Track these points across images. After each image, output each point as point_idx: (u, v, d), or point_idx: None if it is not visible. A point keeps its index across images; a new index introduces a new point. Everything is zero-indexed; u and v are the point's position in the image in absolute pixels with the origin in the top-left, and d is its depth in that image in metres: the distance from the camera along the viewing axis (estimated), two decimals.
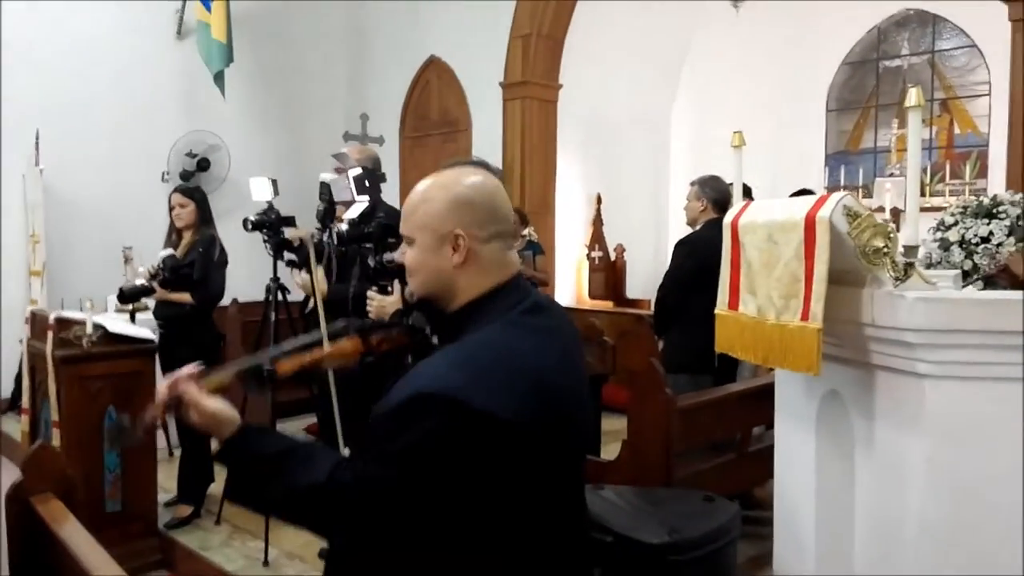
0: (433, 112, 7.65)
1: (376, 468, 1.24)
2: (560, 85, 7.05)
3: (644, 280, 7.70)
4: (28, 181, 6.02)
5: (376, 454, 1.25)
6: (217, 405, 1.36)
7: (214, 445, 1.36)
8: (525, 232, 6.29)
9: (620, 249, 7.78)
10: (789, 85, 8.29)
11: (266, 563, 3.36)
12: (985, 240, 4.33)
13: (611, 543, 2.20)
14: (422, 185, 1.45)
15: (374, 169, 2.82)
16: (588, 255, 7.67)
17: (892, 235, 1.70)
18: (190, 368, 1.40)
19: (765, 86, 8.18)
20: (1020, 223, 4.29)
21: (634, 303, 7.47)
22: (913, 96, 1.68)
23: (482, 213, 1.39)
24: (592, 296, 7.72)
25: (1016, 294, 1.65)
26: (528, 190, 6.88)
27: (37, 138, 5.95)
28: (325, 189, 3.06)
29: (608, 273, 7.75)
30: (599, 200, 7.65)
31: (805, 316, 1.74)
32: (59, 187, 6.14)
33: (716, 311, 2.12)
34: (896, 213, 7.19)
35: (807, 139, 8.40)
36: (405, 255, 1.44)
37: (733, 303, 2.04)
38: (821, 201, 1.74)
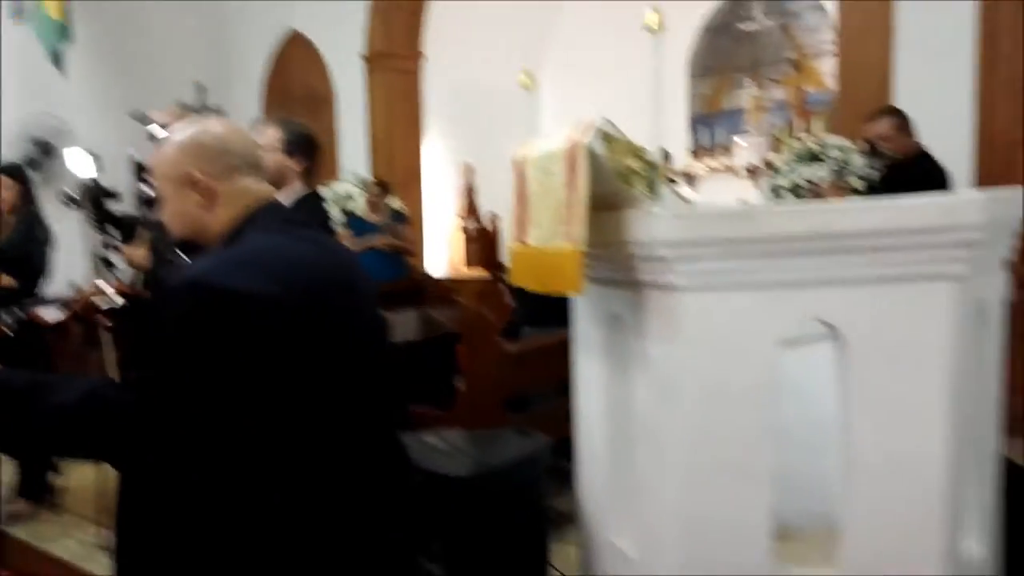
0: (296, 87, 7.49)
1: (143, 373, 1.25)
2: (422, 54, 7.01)
3: None
4: None
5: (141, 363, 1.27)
6: None
7: None
8: (396, 205, 6.27)
9: (494, 218, 7.83)
10: (655, 52, 8.48)
11: (104, 548, 3.27)
12: (813, 184, 4.55)
13: (421, 481, 2.23)
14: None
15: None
16: (462, 226, 7.70)
17: (644, 156, 1.76)
18: None
19: (633, 52, 8.34)
20: (845, 166, 4.52)
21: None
22: (647, 16, 1.73)
23: (213, 151, 1.46)
24: (470, 266, 7.76)
25: (761, 205, 1.74)
26: (395, 161, 6.84)
27: None
28: (134, 165, 2.98)
29: (484, 242, 7.80)
30: (470, 170, 7.66)
31: (570, 239, 1.79)
32: None
33: (508, 246, 2.16)
34: (753, 169, 7.50)
35: (673, 103, 8.61)
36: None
37: (521, 236, 2.09)
38: (582, 128, 1.79)
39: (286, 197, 2.62)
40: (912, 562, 1.75)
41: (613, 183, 1.80)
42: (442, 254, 7.67)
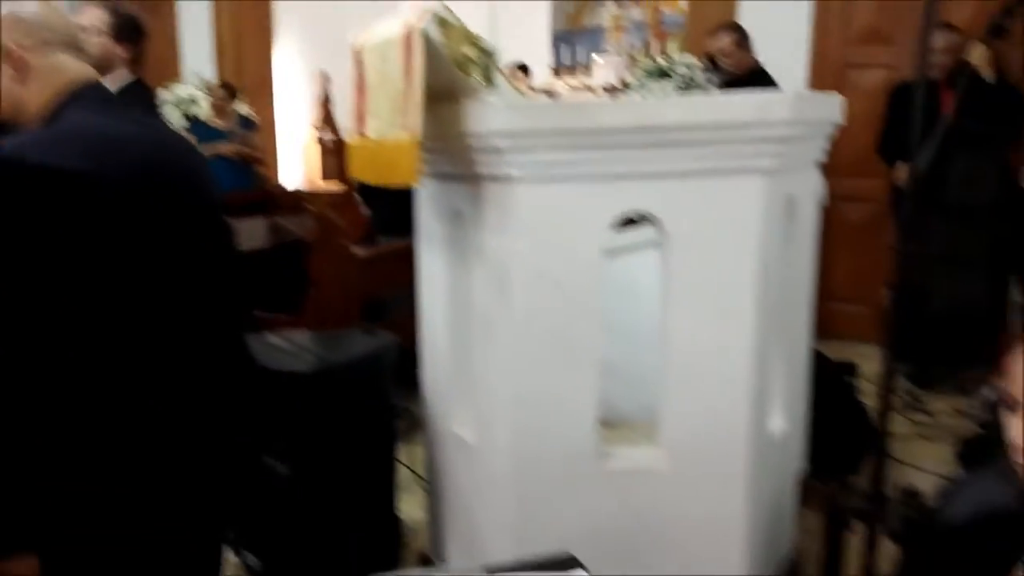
0: None
1: None
2: None
3: None
4: None
5: None
6: None
7: None
8: (244, 111, 5.97)
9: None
10: None
11: None
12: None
13: (262, 379, 2.21)
14: None
15: None
16: (318, 137, 7.44)
17: (480, 43, 1.75)
18: None
19: None
20: (691, 82, 4.66)
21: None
22: None
23: (28, 23, 1.40)
24: (326, 179, 7.54)
25: (594, 100, 1.78)
26: (244, 65, 6.48)
27: None
28: None
29: (341, 155, 7.57)
30: (326, 78, 7.37)
31: (407, 129, 1.77)
32: None
33: (348, 140, 2.12)
34: (611, 88, 7.62)
35: (534, 18, 8.55)
36: None
37: (360, 128, 2.05)
38: (418, 13, 1.76)
39: (111, 84, 2.46)
40: (722, 438, 1.91)
41: (450, 72, 1.79)
42: (297, 167, 7.42)
